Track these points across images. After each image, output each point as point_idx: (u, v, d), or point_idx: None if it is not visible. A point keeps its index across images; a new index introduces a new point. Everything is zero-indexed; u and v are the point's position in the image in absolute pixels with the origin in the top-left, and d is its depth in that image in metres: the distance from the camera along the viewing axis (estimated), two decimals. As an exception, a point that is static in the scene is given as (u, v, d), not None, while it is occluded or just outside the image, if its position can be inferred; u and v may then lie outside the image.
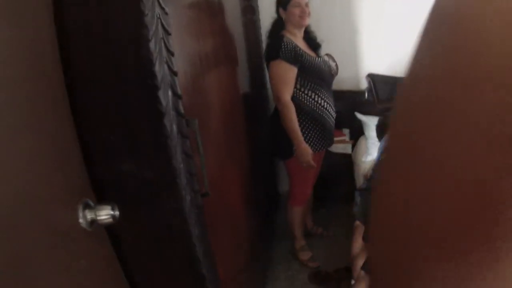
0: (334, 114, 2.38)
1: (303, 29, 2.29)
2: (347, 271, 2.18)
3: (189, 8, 1.35)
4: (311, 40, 2.36)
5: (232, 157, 1.88)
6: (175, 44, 0.98)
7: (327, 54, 2.52)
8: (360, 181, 2.54)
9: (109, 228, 0.96)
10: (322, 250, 2.72)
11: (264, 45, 2.45)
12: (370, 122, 2.88)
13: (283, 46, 2.12)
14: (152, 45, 0.80)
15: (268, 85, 2.40)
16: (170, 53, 0.89)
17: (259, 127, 2.52)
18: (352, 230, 2.08)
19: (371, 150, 2.70)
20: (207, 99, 1.52)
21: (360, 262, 1.87)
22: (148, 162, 0.92)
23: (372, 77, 3.13)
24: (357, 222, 2.01)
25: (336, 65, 2.55)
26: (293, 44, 2.16)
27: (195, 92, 1.35)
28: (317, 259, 2.62)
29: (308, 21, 2.25)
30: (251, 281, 2.10)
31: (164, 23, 0.87)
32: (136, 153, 0.92)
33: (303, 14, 2.21)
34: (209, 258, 1.19)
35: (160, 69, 0.83)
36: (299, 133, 2.17)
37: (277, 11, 2.27)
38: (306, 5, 2.21)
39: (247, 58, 2.50)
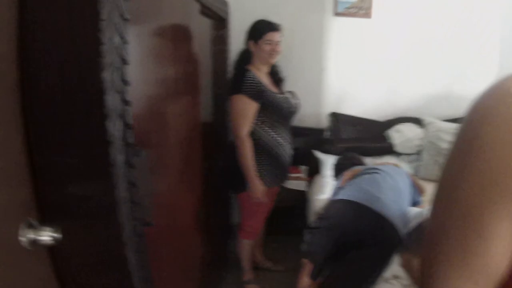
0: (290, 152, 2.41)
1: (270, 65, 2.34)
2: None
3: (154, 35, 1.37)
4: (274, 74, 2.39)
5: (187, 185, 1.88)
6: (135, 71, 1.00)
7: (290, 91, 2.55)
8: (312, 219, 2.57)
9: (51, 248, 0.95)
10: (271, 284, 2.71)
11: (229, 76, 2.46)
12: (328, 161, 2.92)
13: (247, 81, 2.14)
14: (106, 74, 0.81)
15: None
16: (125, 83, 0.90)
17: (217, 158, 2.53)
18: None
19: (325, 188, 2.73)
20: (165, 126, 1.52)
21: None
22: (92, 188, 0.92)
23: (335, 116, 3.22)
24: (305, 260, 2.02)
25: (298, 103, 2.59)
26: (257, 80, 2.19)
27: (152, 120, 1.36)
28: (265, 293, 2.60)
29: (277, 59, 2.29)
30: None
31: (122, 52, 0.89)
32: (81, 178, 0.92)
33: (273, 52, 2.24)
34: (148, 286, 1.17)
35: (111, 99, 0.84)
36: (252, 170, 2.19)
37: (247, 43, 2.29)
38: (277, 43, 2.24)
39: (213, 88, 2.52)
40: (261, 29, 2.25)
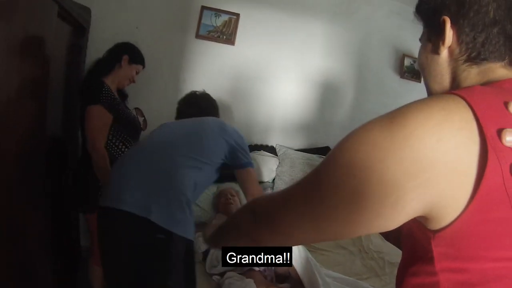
0: None
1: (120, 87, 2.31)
2: None
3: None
4: (120, 90, 2.34)
5: (30, 200, 1.65)
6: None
7: (136, 108, 2.53)
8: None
9: None
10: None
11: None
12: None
13: (103, 92, 2.06)
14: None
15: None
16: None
17: (65, 172, 2.29)
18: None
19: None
20: (3, 131, 1.34)
21: None
22: None
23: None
24: None
25: (145, 119, 2.57)
26: (112, 92, 2.14)
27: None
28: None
29: None
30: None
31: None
32: None
33: (132, 81, 2.32)
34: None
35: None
36: None
37: (118, 55, 2.21)
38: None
39: (64, 98, 2.31)
40: (140, 57, 2.31)
